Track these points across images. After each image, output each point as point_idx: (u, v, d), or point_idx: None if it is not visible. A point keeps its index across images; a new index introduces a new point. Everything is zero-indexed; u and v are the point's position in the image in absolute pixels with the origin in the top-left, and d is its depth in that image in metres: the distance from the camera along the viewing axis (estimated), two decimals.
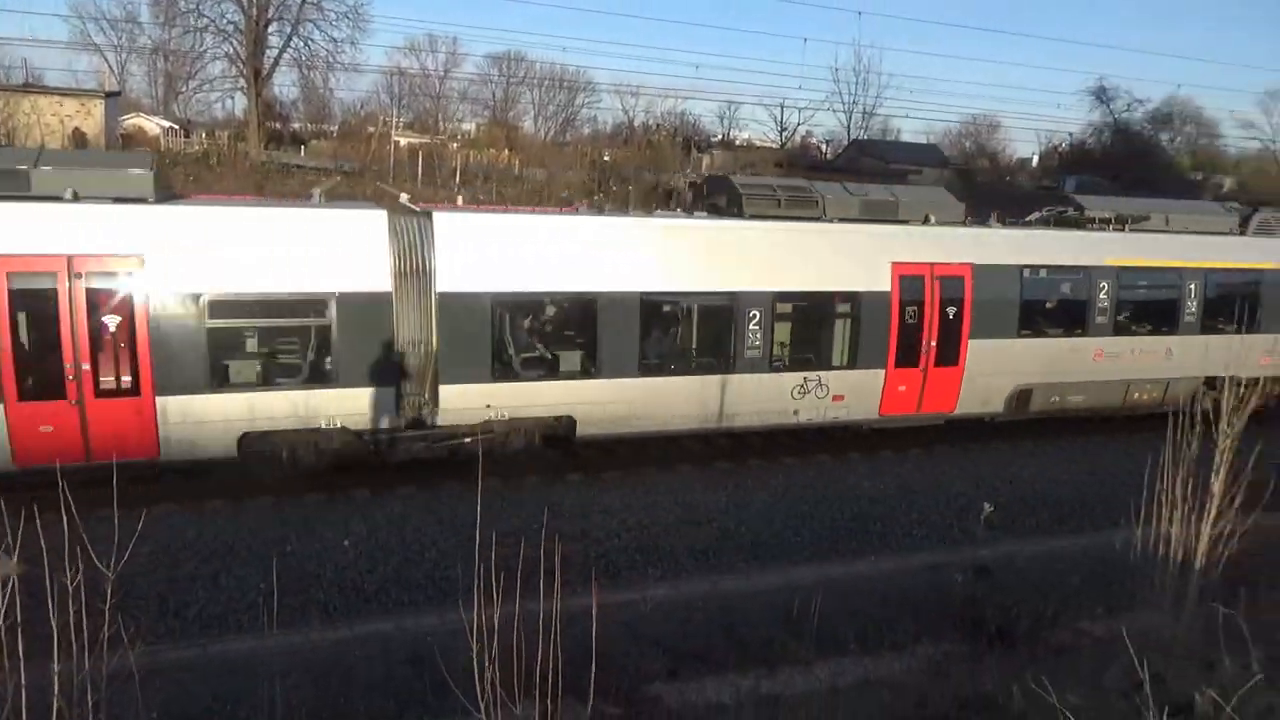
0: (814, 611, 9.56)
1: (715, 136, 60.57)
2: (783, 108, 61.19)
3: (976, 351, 15.93)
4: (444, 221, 13.11)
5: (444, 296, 12.81)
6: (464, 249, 13.04)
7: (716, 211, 15.95)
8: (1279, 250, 18.63)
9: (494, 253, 13.18)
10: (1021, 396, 16.80)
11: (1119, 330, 17.22)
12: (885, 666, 9.04)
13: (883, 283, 15.23)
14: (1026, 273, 16.25)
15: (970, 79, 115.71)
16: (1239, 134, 67.84)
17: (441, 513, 12.70)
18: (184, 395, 11.83)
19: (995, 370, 16.30)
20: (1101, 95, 53.10)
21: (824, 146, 62.97)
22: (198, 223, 12.06)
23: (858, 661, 9.51)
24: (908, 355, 15.56)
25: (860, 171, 50.05)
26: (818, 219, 15.48)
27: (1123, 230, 17.61)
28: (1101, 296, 16.83)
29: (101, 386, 11.57)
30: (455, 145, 55.97)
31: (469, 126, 67.92)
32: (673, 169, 45.14)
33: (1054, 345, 16.82)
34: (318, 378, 12.50)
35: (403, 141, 54.72)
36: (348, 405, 12.60)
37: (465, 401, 13.23)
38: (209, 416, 12.04)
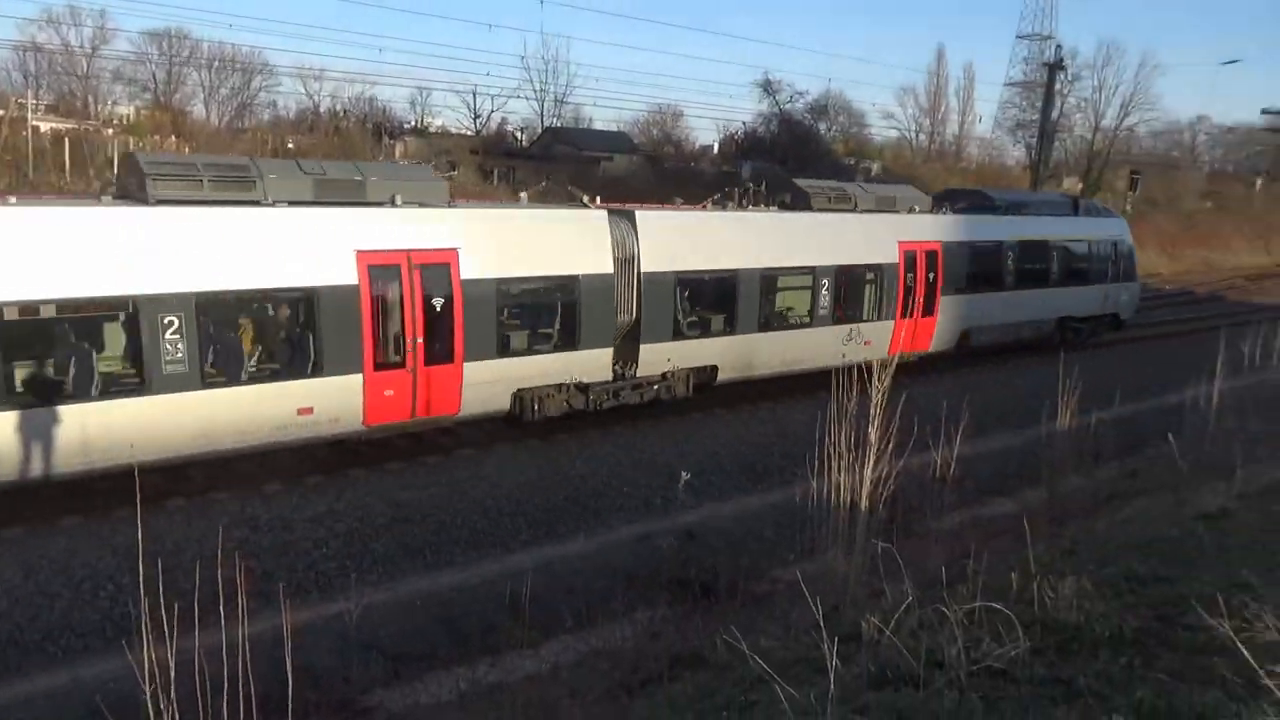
0: (530, 595, 9.65)
1: (408, 123, 58.92)
2: (475, 94, 60.82)
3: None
4: (642, 218, 16.77)
5: (647, 276, 16.56)
6: (656, 239, 16.75)
7: (784, 206, 20.09)
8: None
9: (674, 241, 17.10)
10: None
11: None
12: (603, 637, 9.36)
13: (892, 256, 20.44)
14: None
15: (653, 70, 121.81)
16: (882, 124, 77.31)
17: (116, 541, 11.35)
18: (481, 361, 14.70)
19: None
20: (767, 88, 58.01)
21: (520, 134, 63.38)
22: (488, 223, 15.16)
23: (579, 637, 9.78)
24: (909, 309, 20.56)
25: (554, 158, 50.94)
26: (853, 210, 20.53)
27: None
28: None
29: (429, 357, 14.12)
30: (110, 131, 49.90)
31: (126, 110, 60.77)
32: (364, 157, 43.36)
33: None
34: (565, 344, 15.78)
35: (44, 127, 47.85)
36: (582, 364, 16.04)
37: (656, 357, 17.03)
38: (496, 378, 15.02)
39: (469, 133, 59.21)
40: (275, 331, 13.40)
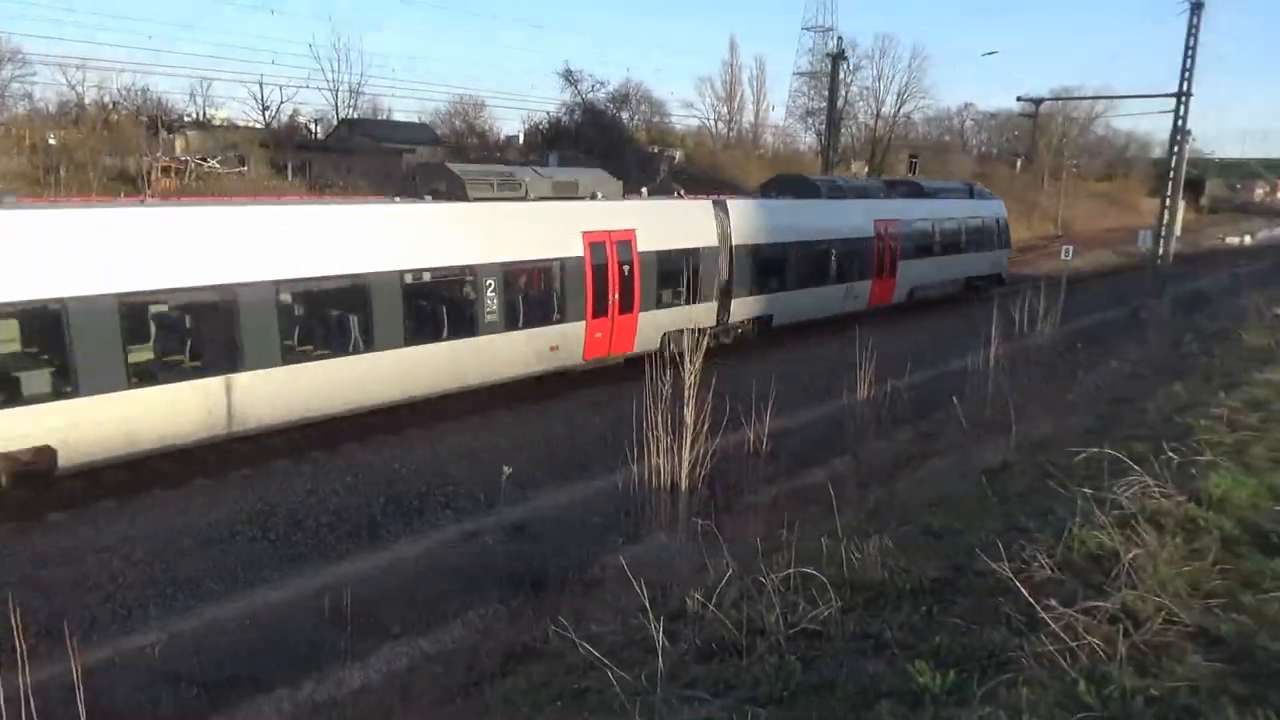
0: (355, 604, 9.34)
1: (189, 115, 54.82)
2: (262, 85, 57.42)
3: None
4: (731, 205, 22.49)
5: (736, 249, 22.07)
6: (739, 221, 22.18)
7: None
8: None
9: (750, 222, 22.60)
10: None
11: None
12: (435, 640, 9.20)
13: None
14: None
15: (452, 60, 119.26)
16: (682, 113, 79.45)
17: None
18: (648, 312, 19.76)
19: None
20: (569, 77, 58.17)
21: (314, 126, 60.45)
22: (652, 210, 20.81)
23: (409, 643, 9.56)
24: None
25: (352, 151, 48.96)
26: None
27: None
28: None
29: (621, 308, 18.98)
30: None
31: None
32: (139, 152, 40.03)
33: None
34: (690, 298, 20.96)
35: None
36: (699, 314, 20.82)
37: (741, 310, 22.54)
38: (654, 326, 20.08)
39: (258, 125, 55.86)
40: (538, 290, 18.10)
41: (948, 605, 4.93)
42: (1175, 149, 34.65)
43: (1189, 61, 33.39)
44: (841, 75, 45.92)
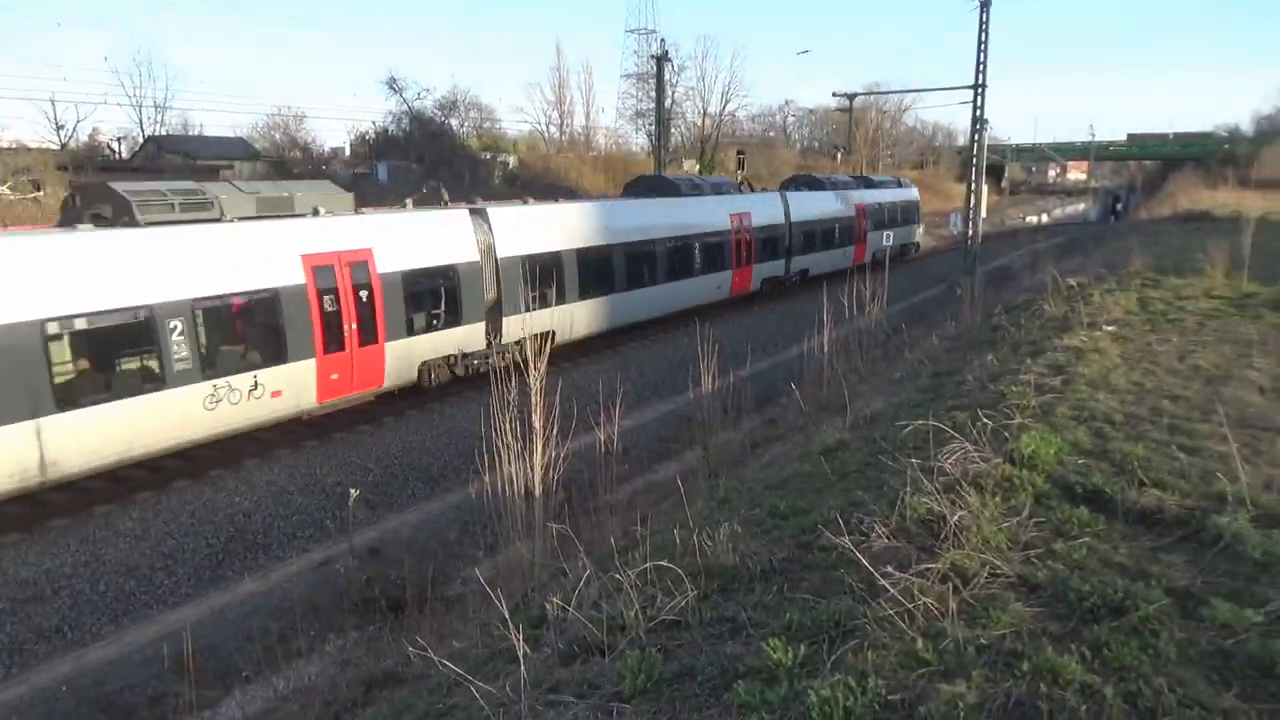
0: (200, 649, 8.84)
1: None
2: (54, 103, 53.10)
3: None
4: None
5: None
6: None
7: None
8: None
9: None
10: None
11: None
12: (292, 678, 8.81)
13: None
14: None
15: (266, 71, 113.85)
16: (514, 118, 79.07)
17: None
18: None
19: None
20: (394, 85, 56.70)
21: (117, 145, 56.42)
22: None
23: (264, 684, 9.12)
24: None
25: (162, 169, 46.00)
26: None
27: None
28: None
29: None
30: None
31: None
32: None
33: None
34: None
35: None
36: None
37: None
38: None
39: (53, 146, 51.65)
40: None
41: (797, 582, 5.15)
42: (975, 137, 37.24)
43: (982, 55, 35.96)
44: (667, 76, 46.85)
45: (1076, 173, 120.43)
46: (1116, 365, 10.16)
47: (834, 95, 75.50)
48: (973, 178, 38.05)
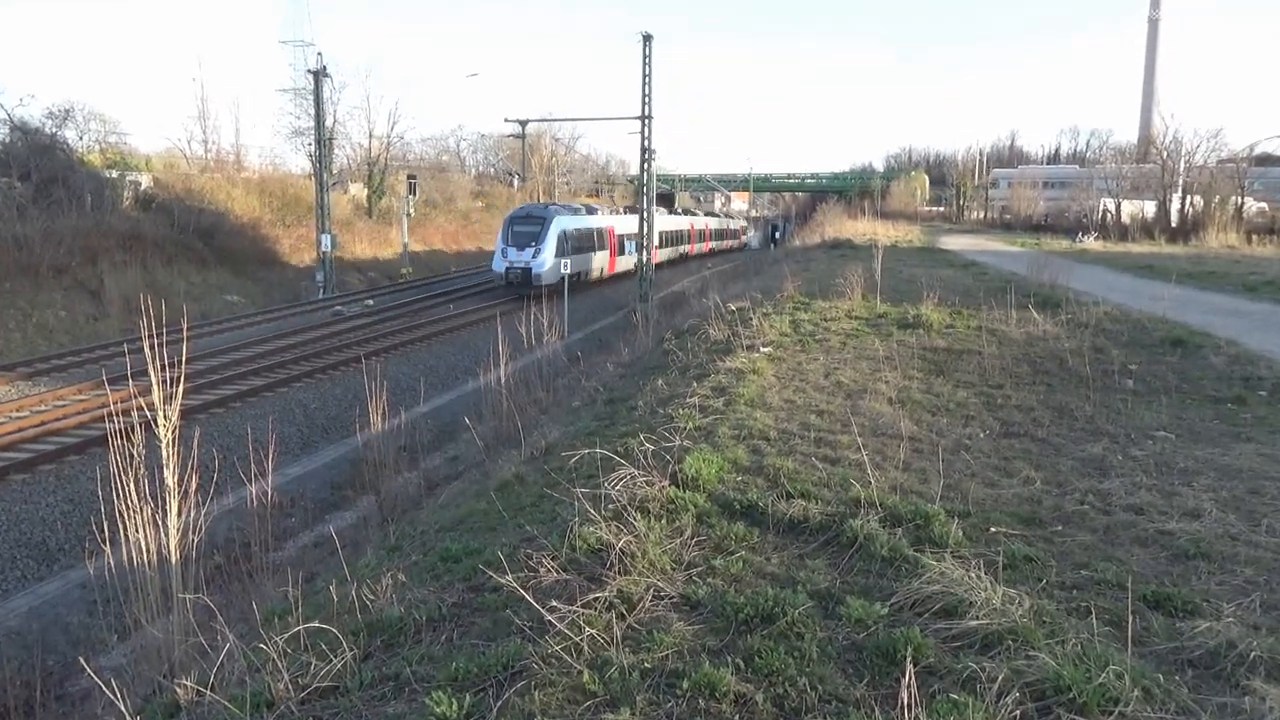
0: None
1: None
2: None
3: None
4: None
5: None
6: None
7: None
8: None
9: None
10: None
11: None
12: None
13: None
14: None
15: None
16: (153, 132, 72.11)
17: None
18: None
19: None
20: None
21: None
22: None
23: None
24: None
25: None
26: None
27: None
28: None
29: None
30: None
31: None
32: None
33: None
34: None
35: None
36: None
37: None
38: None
39: None
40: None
41: (468, 628, 5.11)
42: (644, 166, 39.71)
43: (646, 88, 38.50)
44: (327, 94, 45.20)
45: (740, 202, 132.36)
46: (772, 384, 11.21)
47: (506, 120, 76.93)
48: (644, 206, 40.46)
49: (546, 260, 36.81)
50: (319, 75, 40.46)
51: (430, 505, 11.47)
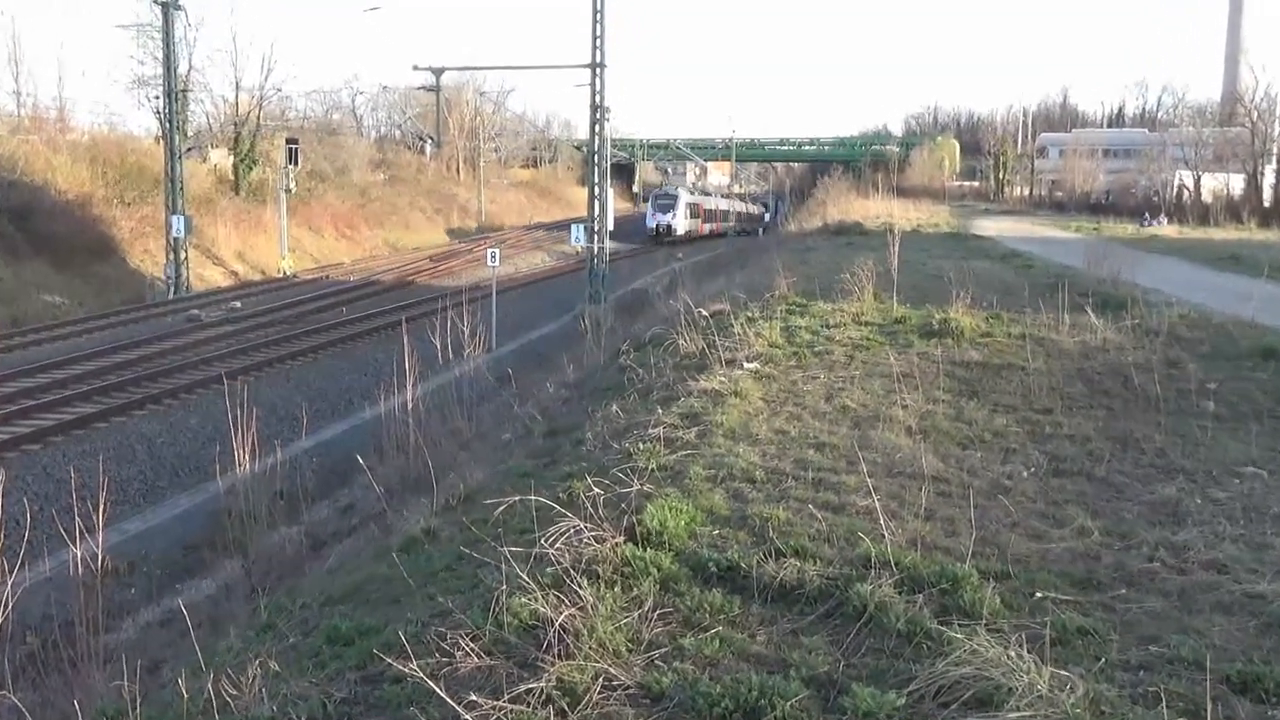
0: None
1: None
2: None
3: None
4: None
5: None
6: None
7: None
8: None
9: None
10: None
11: None
12: None
13: None
14: None
15: None
16: None
17: None
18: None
19: None
20: None
21: None
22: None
23: None
24: None
25: None
26: None
27: None
28: None
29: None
30: None
31: None
32: None
33: None
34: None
35: None
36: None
37: None
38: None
39: None
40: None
41: None
42: (595, 127, 39.80)
43: (598, 28, 38.67)
44: (181, 31, 44.93)
45: (718, 174, 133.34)
46: (759, 410, 11.29)
47: (416, 69, 76.95)
48: (595, 179, 40.53)
49: (680, 221, 79.58)
50: (169, 7, 40.17)
51: (315, 571, 11.39)
